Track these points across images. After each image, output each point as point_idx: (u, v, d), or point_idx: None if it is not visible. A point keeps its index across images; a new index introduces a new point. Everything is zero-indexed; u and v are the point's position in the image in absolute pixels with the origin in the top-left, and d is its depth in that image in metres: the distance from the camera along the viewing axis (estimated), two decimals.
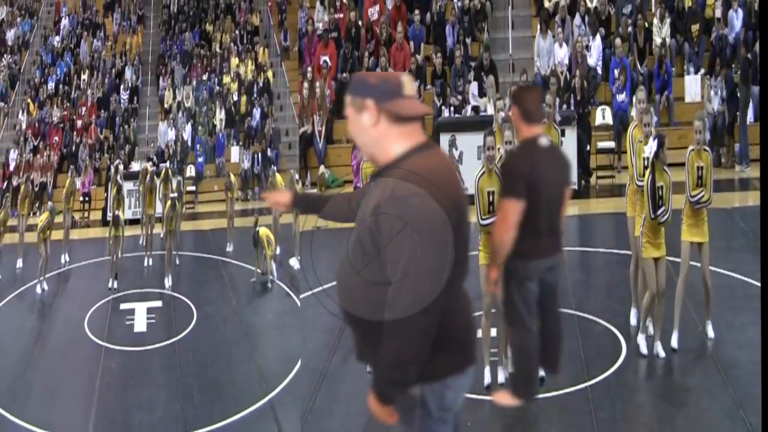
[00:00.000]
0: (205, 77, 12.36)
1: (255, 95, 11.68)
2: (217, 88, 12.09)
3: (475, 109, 9.09)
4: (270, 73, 11.96)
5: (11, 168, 11.49)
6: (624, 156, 7.85)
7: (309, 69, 10.15)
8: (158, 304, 6.97)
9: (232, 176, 9.00)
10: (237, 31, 13.11)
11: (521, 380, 3.19)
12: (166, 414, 5.17)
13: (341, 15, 10.89)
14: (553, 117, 5.67)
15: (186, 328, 6.43)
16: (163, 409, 5.25)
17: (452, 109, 9.06)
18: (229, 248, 8.04)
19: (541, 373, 4.10)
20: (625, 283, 5.10)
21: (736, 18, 9.28)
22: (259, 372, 5.62)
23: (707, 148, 4.79)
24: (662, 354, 4.58)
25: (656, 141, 4.49)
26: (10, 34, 14.53)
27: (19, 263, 8.07)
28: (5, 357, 6.29)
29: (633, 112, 5.25)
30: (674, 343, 4.63)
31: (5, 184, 11.19)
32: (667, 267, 4.62)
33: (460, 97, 9.25)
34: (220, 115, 11.62)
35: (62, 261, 8.12)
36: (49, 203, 8.30)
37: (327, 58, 10.32)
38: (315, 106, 9.82)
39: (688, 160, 4.73)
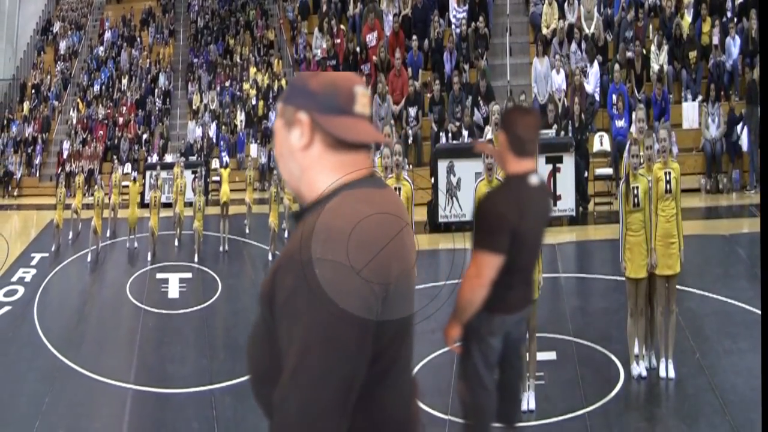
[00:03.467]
0: (227, 84, 14.08)
1: (271, 100, 13.02)
2: (238, 93, 13.73)
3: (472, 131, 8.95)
4: (284, 81, 13.28)
5: (64, 156, 13.57)
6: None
7: None
8: (188, 275, 7.89)
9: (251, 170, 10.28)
10: (255, 45, 14.86)
11: None
12: (195, 368, 5.78)
13: (339, 41, 10.88)
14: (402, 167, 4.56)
15: (212, 296, 7.26)
16: (193, 364, 5.87)
17: (450, 135, 8.88)
18: (247, 230, 9.12)
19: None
20: (622, 309, 4.91)
21: (734, 45, 9.15)
22: None
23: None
24: (662, 372, 4.46)
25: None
26: (63, 45, 16.99)
27: (70, 234, 9.35)
28: (62, 312, 7.24)
29: (632, 129, 5.12)
30: (671, 372, 4.47)
31: (60, 169, 13.31)
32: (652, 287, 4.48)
33: (458, 124, 9.12)
34: (240, 117, 13.16)
35: (107, 235, 9.38)
36: (97, 187, 9.54)
37: None
38: None
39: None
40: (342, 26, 11.23)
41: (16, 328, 6.76)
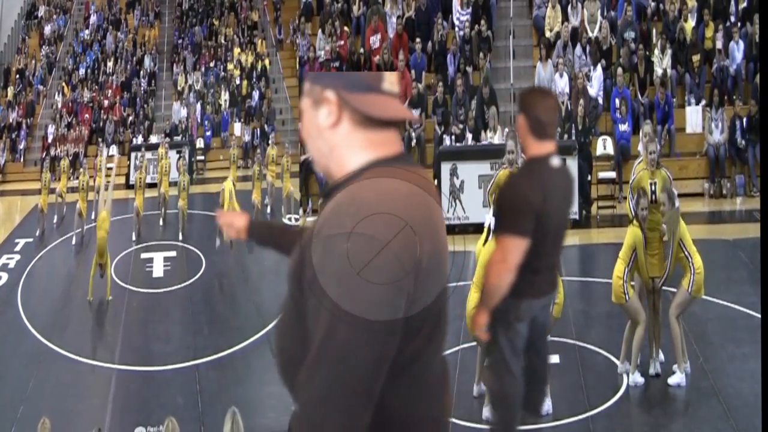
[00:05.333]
0: (212, 64, 14.37)
1: (254, 80, 13.49)
2: (222, 73, 14.04)
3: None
4: (267, 61, 13.81)
5: (49, 140, 13.48)
6: (625, 187, 7.87)
7: None
8: (173, 254, 7.98)
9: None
10: (239, 26, 15.18)
11: (501, 428, 2.76)
12: (180, 344, 5.89)
13: (342, 43, 10.92)
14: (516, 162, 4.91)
15: (196, 274, 7.37)
16: (178, 341, 5.97)
17: (453, 137, 8.90)
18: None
19: None
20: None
21: (737, 49, 9.19)
22: (257, 309, 6.41)
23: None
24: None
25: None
26: (48, 29, 16.85)
27: (55, 219, 9.35)
28: (46, 296, 7.28)
29: (639, 146, 5.15)
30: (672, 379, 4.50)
31: (44, 153, 13.30)
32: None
33: (461, 126, 9.11)
34: (224, 97, 13.50)
35: (92, 218, 9.20)
36: (82, 170, 9.54)
37: None
38: None
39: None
40: (345, 28, 11.20)
41: (0, 315, 6.70)
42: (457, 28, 10.69)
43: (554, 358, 4.72)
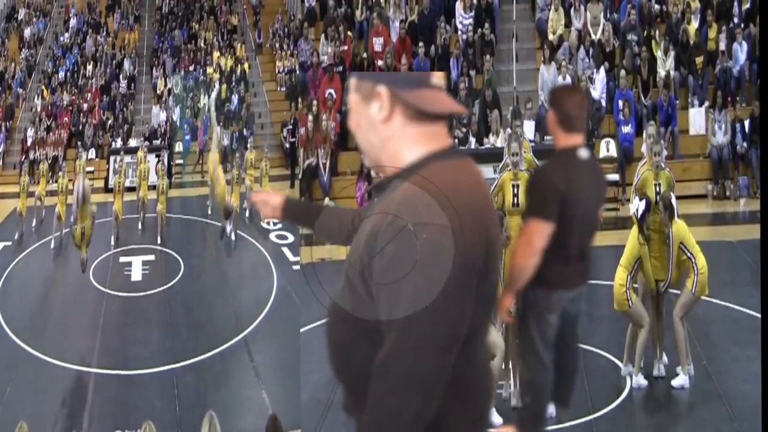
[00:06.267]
0: (191, 68, 14.70)
1: (233, 84, 13.77)
2: (202, 77, 14.29)
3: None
4: (246, 65, 14.14)
5: (29, 143, 13.75)
6: (628, 189, 8.01)
7: (314, 102, 10.32)
8: (151, 257, 8.19)
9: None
10: (218, 30, 15.61)
11: (530, 419, 2.89)
12: (158, 348, 6.13)
13: (345, 47, 11.13)
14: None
15: (174, 277, 7.59)
16: (156, 345, 6.20)
17: (456, 141, 8.99)
18: (209, 211, 9.53)
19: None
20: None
21: (741, 51, 9.38)
22: (235, 313, 6.67)
23: None
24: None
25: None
26: (27, 32, 17.21)
27: (33, 222, 9.46)
28: (25, 300, 7.46)
29: (643, 148, 5.23)
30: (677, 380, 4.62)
31: (24, 156, 13.56)
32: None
33: (464, 129, 9.27)
34: (204, 100, 13.60)
35: (71, 221, 9.61)
36: (61, 173, 9.77)
37: (332, 91, 10.44)
38: (319, 138, 9.91)
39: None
40: (348, 32, 11.44)
41: None
42: (460, 32, 10.88)
43: None
